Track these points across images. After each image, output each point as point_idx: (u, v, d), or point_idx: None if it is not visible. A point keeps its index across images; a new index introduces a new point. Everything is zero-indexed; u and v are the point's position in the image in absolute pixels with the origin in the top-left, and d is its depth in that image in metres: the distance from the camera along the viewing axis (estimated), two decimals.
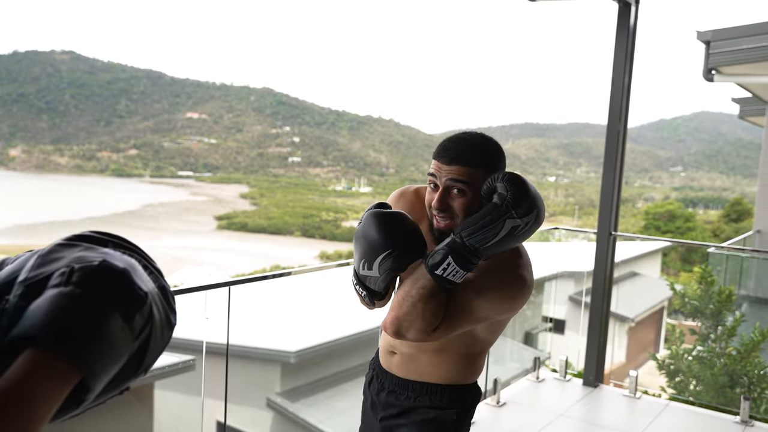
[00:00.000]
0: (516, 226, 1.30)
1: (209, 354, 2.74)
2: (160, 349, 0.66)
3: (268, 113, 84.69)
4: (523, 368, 4.63)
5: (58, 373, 0.54)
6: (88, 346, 0.55)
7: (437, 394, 1.58)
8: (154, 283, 0.65)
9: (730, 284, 6.10)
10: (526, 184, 1.34)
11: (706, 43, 5.53)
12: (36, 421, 0.53)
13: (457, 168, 1.39)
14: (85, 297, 0.56)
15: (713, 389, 5.07)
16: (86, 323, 0.55)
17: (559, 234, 5.54)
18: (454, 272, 1.32)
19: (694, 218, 45.42)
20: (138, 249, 0.68)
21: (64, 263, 0.58)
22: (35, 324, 0.54)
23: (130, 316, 0.59)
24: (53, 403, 0.54)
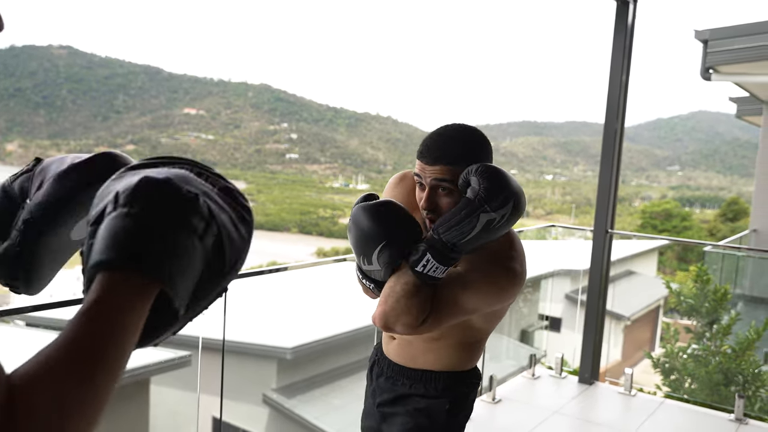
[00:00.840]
0: (491, 220, 1.30)
1: (205, 350, 2.74)
2: (241, 246, 0.66)
3: (266, 109, 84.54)
4: (519, 365, 4.65)
5: (129, 285, 0.56)
6: (151, 254, 0.57)
7: (432, 381, 1.58)
8: (213, 185, 0.66)
9: (726, 283, 6.12)
10: (500, 176, 1.33)
11: (704, 42, 5.54)
12: (118, 337, 0.54)
13: (441, 168, 1.39)
14: (132, 212, 0.58)
15: (708, 387, 5.09)
16: (141, 234, 0.57)
17: (556, 232, 5.55)
18: (434, 268, 1.33)
19: (690, 217, 45.52)
20: (192, 162, 0.68)
21: (113, 193, 0.61)
22: (99, 251, 0.57)
23: (185, 219, 0.60)
24: (133, 317, 0.56)
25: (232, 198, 0.67)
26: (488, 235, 1.32)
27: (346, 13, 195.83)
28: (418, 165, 1.44)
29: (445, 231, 1.32)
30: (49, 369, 0.50)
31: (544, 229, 6.02)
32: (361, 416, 1.80)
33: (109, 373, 0.53)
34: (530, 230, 5.28)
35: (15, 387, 0.48)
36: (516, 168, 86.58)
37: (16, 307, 1.91)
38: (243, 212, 0.68)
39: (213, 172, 0.68)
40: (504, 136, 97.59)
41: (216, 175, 0.68)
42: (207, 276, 0.63)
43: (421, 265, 1.33)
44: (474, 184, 1.32)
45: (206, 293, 0.65)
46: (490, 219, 1.30)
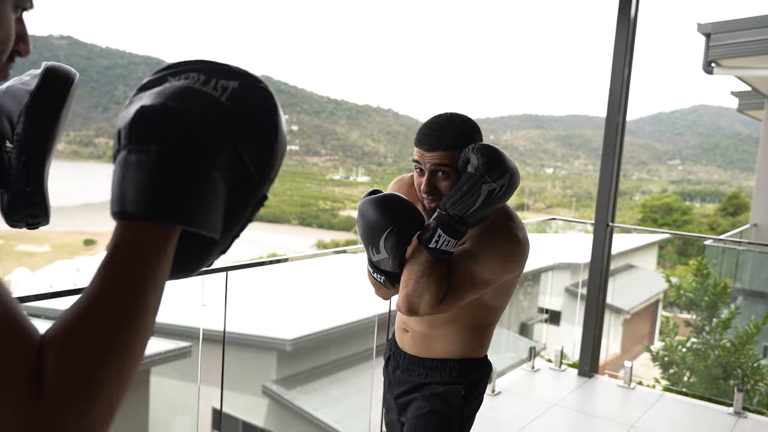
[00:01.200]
0: (492, 190, 1.40)
1: (206, 341, 2.75)
2: (267, 147, 0.62)
3: None
4: (519, 358, 4.66)
5: (142, 233, 0.55)
6: (160, 197, 0.55)
7: (447, 369, 1.66)
8: (224, 90, 0.61)
9: (726, 277, 6.12)
10: (497, 151, 1.44)
11: (707, 36, 5.52)
12: (142, 282, 0.53)
13: (439, 153, 1.51)
14: (131, 155, 0.56)
15: (707, 381, 5.10)
16: (146, 178, 0.55)
17: (556, 225, 5.54)
18: (446, 242, 1.42)
19: (691, 211, 45.49)
20: (199, 63, 0.63)
21: (118, 128, 0.59)
22: (112, 201, 0.56)
23: (185, 145, 0.57)
24: (156, 261, 0.55)
25: (248, 96, 0.61)
26: (490, 205, 1.42)
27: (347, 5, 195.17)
28: (416, 152, 1.55)
29: (452, 205, 1.41)
30: (74, 327, 0.49)
31: (544, 223, 6.01)
32: (381, 412, 1.88)
33: (135, 322, 0.52)
34: (531, 223, 5.28)
35: (45, 347, 0.48)
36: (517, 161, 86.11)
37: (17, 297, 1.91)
38: (263, 111, 0.62)
39: (224, 71, 0.62)
40: (505, 129, 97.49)
41: (228, 74, 0.62)
42: (236, 194, 0.60)
43: (433, 241, 1.42)
44: (473, 160, 1.42)
45: (242, 210, 0.62)
46: (491, 189, 1.40)
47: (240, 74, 0.62)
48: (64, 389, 0.47)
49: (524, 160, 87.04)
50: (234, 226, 0.62)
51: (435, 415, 1.64)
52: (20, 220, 0.90)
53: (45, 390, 0.46)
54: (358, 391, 6.51)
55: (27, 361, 0.47)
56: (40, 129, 0.87)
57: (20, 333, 0.48)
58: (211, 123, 0.58)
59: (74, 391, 0.47)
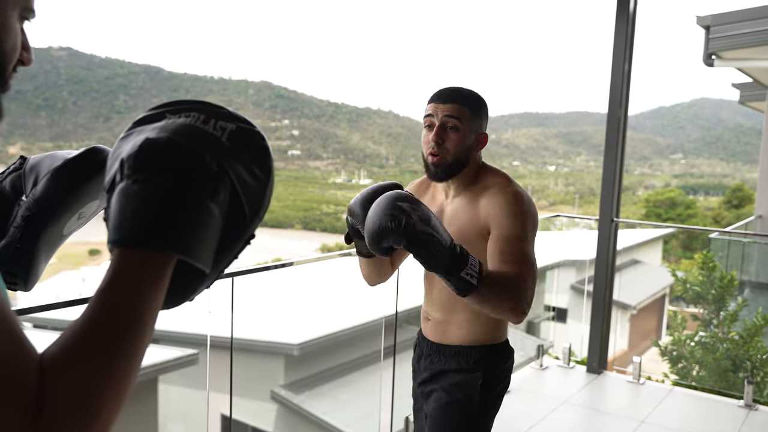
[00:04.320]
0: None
1: (214, 347, 2.74)
2: (260, 189, 0.65)
3: (267, 106, 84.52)
4: (527, 356, 4.64)
5: (141, 262, 0.56)
6: (161, 228, 0.57)
7: (465, 356, 1.69)
8: (222, 131, 0.63)
9: (732, 270, 6.10)
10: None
11: (706, 28, 5.51)
12: (139, 309, 0.55)
13: (451, 106, 1.60)
14: (136, 184, 0.58)
15: (716, 374, 5.08)
16: (149, 207, 0.57)
17: (560, 222, 5.53)
18: (467, 276, 1.35)
19: (694, 205, 45.41)
20: (197, 104, 0.66)
21: (120, 158, 0.60)
22: (112, 228, 0.57)
23: (191, 180, 0.59)
24: (152, 290, 0.56)
25: (246, 140, 0.64)
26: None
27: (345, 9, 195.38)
28: (430, 107, 1.63)
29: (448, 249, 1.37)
30: (73, 350, 0.51)
31: (548, 220, 6.00)
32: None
33: (131, 347, 0.54)
34: None
35: (44, 369, 0.50)
36: (518, 159, 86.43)
37: (23, 308, 1.90)
38: (258, 154, 0.65)
39: (223, 114, 0.65)
40: (506, 127, 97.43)
41: (226, 117, 0.65)
42: (229, 230, 0.63)
43: (461, 281, 1.36)
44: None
45: (232, 246, 0.64)
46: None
47: (237, 117, 0.65)
48: (63, 414, 0.49)
49: (526, 158, 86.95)
50: (223, 261, 0.65)
51: (455, 405, 1.67)
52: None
53: (45, 414, 0.48)
54: (366, 393, 6.50)
55: (28, 384, 0.48)
56: (55, 191, 0.84)
57: (21, 355, 0.50)
58: (213, 159, 0.60)
59: (73, 415, 0.49)
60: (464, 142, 1.61)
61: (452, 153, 1.60)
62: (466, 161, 1.63)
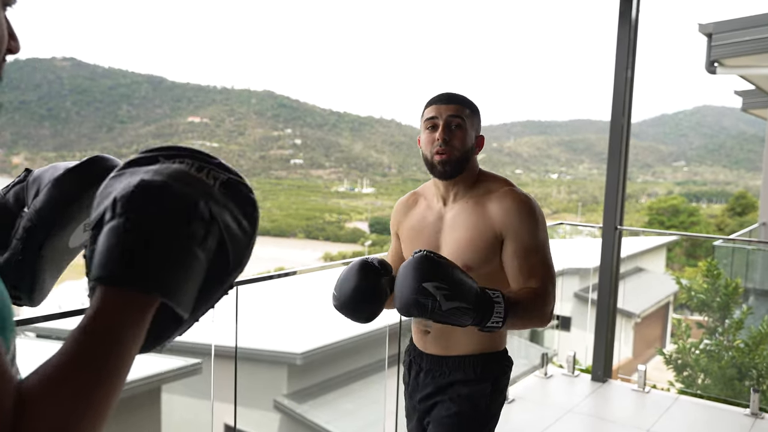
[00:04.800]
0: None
1: (216, 357, 2.74)
2: (246, 241, 0.66)
3: (270, 116, 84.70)
4: (531, 365, 4.62)
5: (125, 302, 0.57)
6: (148, 270, 0.57)
7: (470, 365, 1.68)
8: (215, 181, 0.64)
9: (737, 277, 6.07)
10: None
11: (708, 36, 5.51)
12: (118, 350, 0.55)
13: (455, 106, 1.67)
14: (128, 224, 0.58)
15: (722, 382, 5.05)
16: (138, 250, 0.57)
17: (564, 231, 5.52)
18: (493, 324, 1.41)
19: (698, 212, 45.29)
20: (192, 152, 0.67)
21: (112, 197, 0.61)
22: (97, 265, 0.57)
23: (182, 225, 0.59)
24: (133, 331, 0.57)
25: (235, 192, 0.66)
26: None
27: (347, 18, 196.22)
28: (431, 110, 1.69)
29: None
30: (52, 382, 0.52)
31: (551, 228, 5.98)
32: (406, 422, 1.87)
33: (109, 384, 0.54)
34: None
35: (23, 398, 0.50)
36: (521, 167, 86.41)
37: (26, 318, 1.90)
38: (246, 206, 0.67)
39: (215, 164, 0.66)
40: (508, 136, 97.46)
41: (218, 167, 0.66)
42: (211, 278, 0.63)
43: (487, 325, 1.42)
44: None
45: (211, 294, 0.65)
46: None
47: (228, 169, 0.67)
48: None
49: (528, 166, 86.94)
50: (201, 309, 0.65)
51: (464, 415, 1.65)
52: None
53: None
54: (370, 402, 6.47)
55: (3, 413, 0.49)
56: (55, 201, 0.82)
57: (1, 385, 0.50)
58: (205, 207, 0.61)
59: None
60: (468, 141, 1.67)
61: (459, 149, 1.65)
62: (468, 161, 1.68)
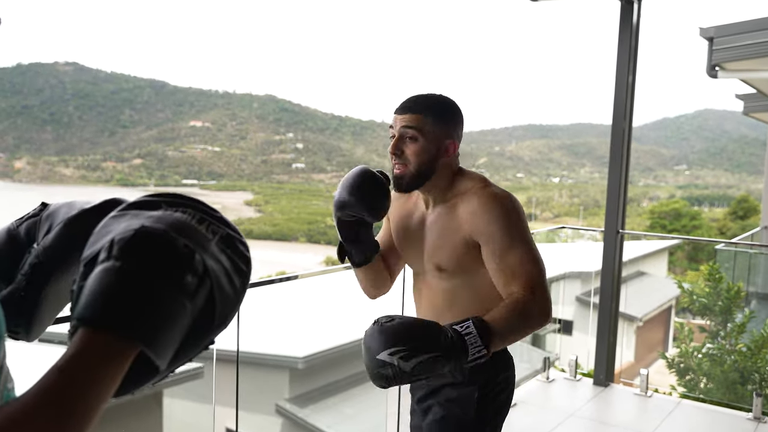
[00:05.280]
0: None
1: (218, 361, 2.74)
2: (234, 299, 0.66)
3: (271, 120, 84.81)
4: (533, 369, 4.62)
5: (107, 347, 0.56)
6: (136, 317, 0.56)
7: None
8: (214, 235, 0.65)
9: (739, 281, 6.06)
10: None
11: (709, 40, 5.51)
12: (92, 393, 0.55)
13: (409, 116, 1.56)
14: (124, 268, 0.57)
15: (724, 386, 5.04)
16: (129, 295, 0.57)
17: (565, 235, 5.52)
18: (473, 358, 1.33)
19: (699, 216, 45.27)
20: (195, 203, 0.67)
21: (109, 237, 0.60)
22: (84, 304, 0.57)
23: (178, 278, 0.59)
24: (110, 376, 0.56)
25: (232, 247, 0.66)
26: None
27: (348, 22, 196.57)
28: (393, 118, 1.61)
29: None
30: (26, 416, 0.51)
31: (553, 232, 5.99)
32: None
33: (80, 424, 0.54)
34: (539, 233, 5.26)
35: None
36: (522, 171, 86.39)
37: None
38: (240, 263, 0.67)
39: (216, 217, 0.67)
40: (509, 139, 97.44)
41: (218, 221, 0.67)
42: (193, 332, 0.63)
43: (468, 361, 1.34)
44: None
45: (191, 347, 0.64)
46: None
47: (227, 223, 0.67)
48: None
49: (530, 170, 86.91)
50: (178, 361, 0.64)
51: (450, 420, 1.63)
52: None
53: None
54: (371, 407, 6.47)
55: None
56: (65, 241, 0.80)
57: None
58: (201, 262, 0.61)
59: None
60: (426, 153, 1.56)
61: (413, 164, 1.56)
62: (431, 171, 1.58)
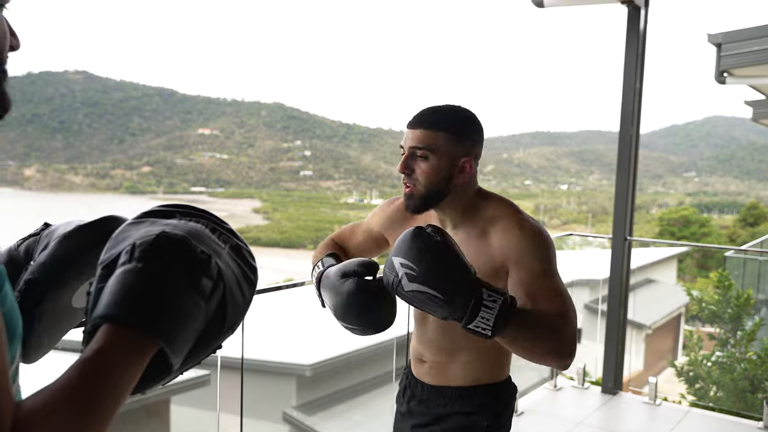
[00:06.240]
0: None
1: (225, 368, 2.74)
2: (243, 306, 0.69)
3: (279, 128, 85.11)
4: (541, 377, 4.59)
5: (130, 342, 0.58)
6: (157, 315, 0.59)
7: (468, 397, 1.54)
8: (225, 244, 0.68)
9: (748, 288, 6.02)
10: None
11: (717, 46, 5.50)
12: (115, 388, 0.57)
13: (420, 132, 1.41)
14: (146, 270, 0.60)
15: (734, 395, 5.00)
16: (150, 295, 0.59)
17: (573, 242, 5.50)
18: (476, 328, 1.19)
19: (709, 223, 45.00)
20: (207, 214, 0.70)
21: (130, 241, 0.63)
22: (107, 303, 0.59)
23: (195, 280, 0.62)
24: (131, 372, 0.58)
25: (241, 257, 0.69)
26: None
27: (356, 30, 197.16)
28: (405, 132, 1.47)
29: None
30: (49, 410, 0.53)
31: (560, 239, 5.97)
32: None
33: (101, 419, 0.56)
34: None
35: (20, 419, 0.51)
36: (530, 179, 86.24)
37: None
38: (249, 272, 0.70)
39: (226, 228, 0.70)
40: (517, 147, 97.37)
41: (229, 232, 0.70)
42: (205, 334, 0.65)
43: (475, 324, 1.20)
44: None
45: (202, 350, 0.67)
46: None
47: (236, 235, 0.71)
48: None
49: (538, 177, 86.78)
50: (188, 363, 0.67)
51: None
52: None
53: None
54: (378, 415, 6.45)
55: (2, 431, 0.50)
56: (59, 256, 0.79)
57: (1, 403, 0.51)
58: (216, 266, 0.64)
59: None
60: (437, 172, 1.41)
61: (424, 184, 1.42)
62: (445, 192, 1.43)
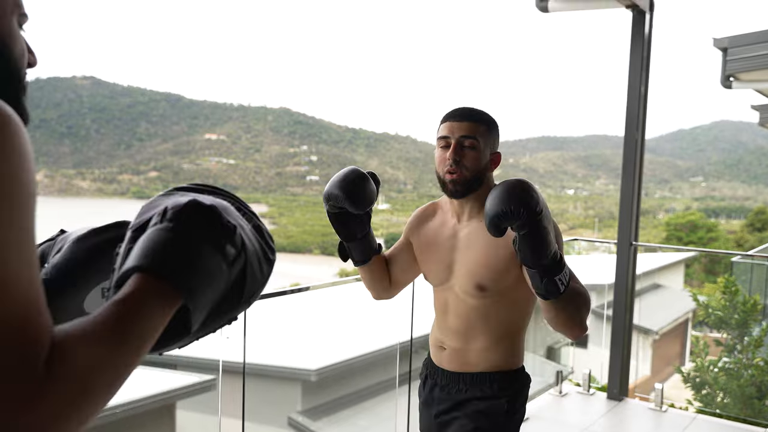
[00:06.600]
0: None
1: (231, 373, 2.74)
2: (261, 282, 0.72)
3: (286, 133, 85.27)
4: (546, 383, 4.58)
5: (158, 291, 0.61)
6: (184, 269, 0.62)
7: (486, 382, 1.66)
8: (249, 222, 0.72)
9: (755, 294, 5.99)
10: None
11: (723, 50, 5.48)
12: (144, 331, 0.59)
13: (468, 124, 1.60)
14: (176, 229, 0.64)
15: (741, 401, 4.97)
16: (180, 250, 0.63)
17: (579, 246, 5.49)
18: (559, 282, 1.37)
19: (716, 228, 44.78)
20: (233, 195, 0.75)
21: (161, 207, 0.67)
22: (138, 255, 0.62)
23: (221, 245, 0.65)
24: (158, 319, 0.61)
25: (262, 237, 0.73)
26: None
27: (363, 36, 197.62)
28: (444, 128, 1.62)
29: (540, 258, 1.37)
30: (85, 335, 0.55)
31: (567, 244, 5.95)
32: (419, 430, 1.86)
33: (128, 356, 0.58)
34: None
35: (57, 344, 0.53)
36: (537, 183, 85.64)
37: None
38: (268, 252, 0.73)
39: (249, 210, 0.74)
40: (523, 152, 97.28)
41: (251, 213, 0.74)
42: (224, 302, 0.68)
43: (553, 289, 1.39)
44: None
45: (218, 317, 0.69)
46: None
47: (255, 215, 0.76)
48: (68, 383, 0.53)
49: (544, 182, 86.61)
50: (205, 328, 0.69)
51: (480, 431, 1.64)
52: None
53: (50, 380, 0.51)
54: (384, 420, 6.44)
55: (40, 350, 0.52)
56: (72, 258, 0.80)
57: (38, 323, 0.52)
58: (240, 237, 0.68)
59: (76, 386, 0.53)
60: (481, 160, 1.61)
61: (471, 171, 1.60)
62: (483, 180, 1.63)
